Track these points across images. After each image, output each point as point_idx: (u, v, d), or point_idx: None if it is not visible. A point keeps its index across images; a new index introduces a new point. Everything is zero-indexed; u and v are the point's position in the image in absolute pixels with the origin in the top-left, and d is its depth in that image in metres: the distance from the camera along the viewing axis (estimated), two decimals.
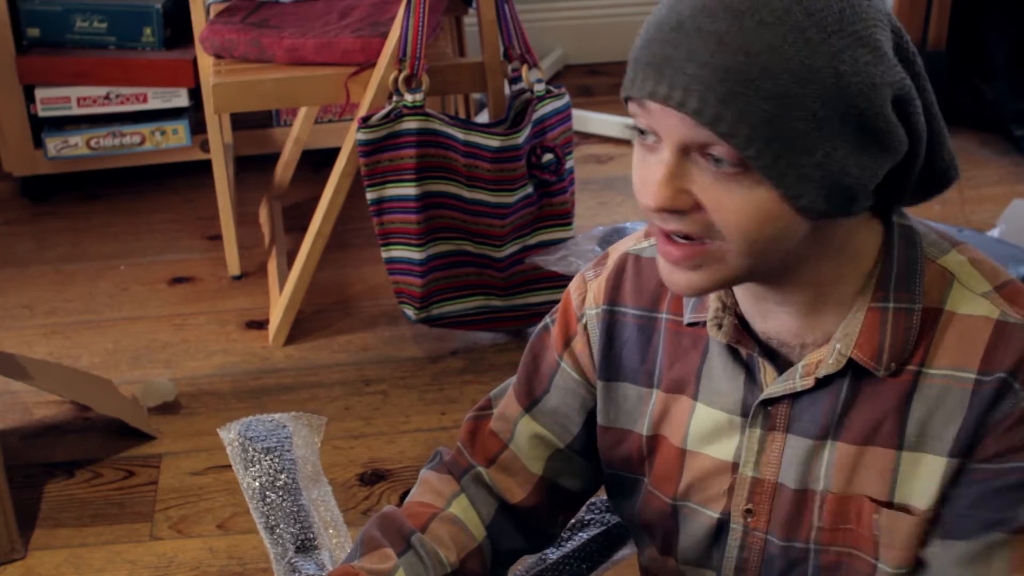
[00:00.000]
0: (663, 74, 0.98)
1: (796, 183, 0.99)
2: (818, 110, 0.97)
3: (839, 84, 0.98)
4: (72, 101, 3.00)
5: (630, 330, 1.23)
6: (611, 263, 1.25)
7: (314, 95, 2.58)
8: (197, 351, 2.61)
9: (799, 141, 0.98)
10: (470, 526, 1.28)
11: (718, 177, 1.00)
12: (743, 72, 0.96)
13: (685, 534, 1.22)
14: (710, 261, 1.03)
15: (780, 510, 1.15)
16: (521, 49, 2.47)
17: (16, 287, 2.85)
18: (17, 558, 2.07)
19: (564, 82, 3.55)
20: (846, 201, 1.02)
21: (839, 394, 1.11)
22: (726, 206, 1.00)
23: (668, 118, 0.99)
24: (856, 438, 1.11)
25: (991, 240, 2.46)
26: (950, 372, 1.08)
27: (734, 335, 1.14)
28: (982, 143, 3.35)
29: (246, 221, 3.00)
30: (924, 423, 1.09)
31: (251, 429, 1.54)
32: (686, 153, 1.00)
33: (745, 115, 0.96)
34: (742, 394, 1.16)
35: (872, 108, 1.00)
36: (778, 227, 1.01)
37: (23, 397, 2.45)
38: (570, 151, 2.50)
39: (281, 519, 1.47)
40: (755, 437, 1.15)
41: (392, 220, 2.43)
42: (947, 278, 1.10)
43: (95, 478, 2.26)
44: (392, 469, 2.25)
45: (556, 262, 2.42)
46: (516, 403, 1.30)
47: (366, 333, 2.65)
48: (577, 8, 3.82)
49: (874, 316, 1.09)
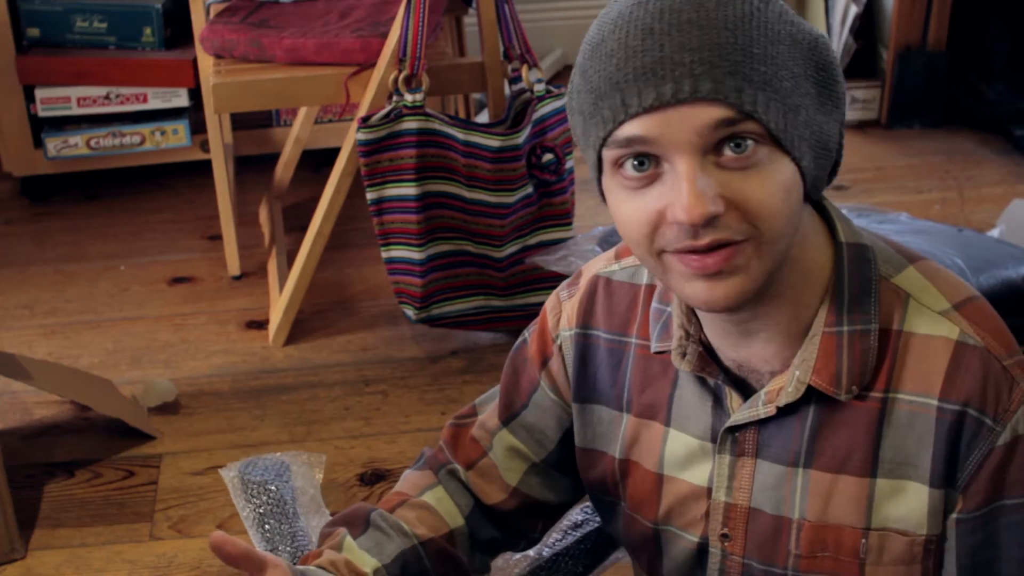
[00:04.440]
0: (663, 75, 0.97)
1: (799, 144, 1.01)
2: (793, 67, 1.00)
3: (796, 40, 1.01)
4: (72, 101, 3.00)
5: (602, 353, 1.22)
6: (583, 284, 1.24)
7: (314, 95, 2.58)
8: (197, 351, 2.61)
9: (791, 100, 1.00)
10: (443, 513, 1.28)
11: (738, 165, 0.99)
12: (733, 44, 0.97)
13: (668, 557, 1.22)
14: (746, 261, 1.01)
15: (756, 535, 1.14)
16: (521, 49, 2.47)
17: (16, 287, 2.85)
18: (17, 558, 2.07)
19: (564, 82, 3.54)
20: (826, 160, 1.04)
21: (805, 421, 1.10)
22: (755, 189, 0.99)
23: (677, 125, 0.98)
24: (828, 465, 1.10)
25: (991, 240, 2.46)
26: (914, 398, 1.06)
27: (698, 364, 1.13)
28: (982, 143, 3.35)
29: (246, 221, 3.00)
30: (897, 450, 1.07)
31: (251, 467, 1.56)
32: (702, 156, 0.99)
33: (752, 83, 0.97)
34: (711, 420, 1.15)
35: (825, 60, 1.03)
36: (795, 200, 1.02)
37: (23, 397, 2.45)
38: (570, 151, 2.50)
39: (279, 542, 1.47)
40: (725, 463, 1.14)
41: (392, 220, 2.43)
42: (902, 296, 1.08)
43: (95, 478, 2.26)
44: (392, 469, 2.25)
45: (556, 262, 2.42)
46: (496, 415, 1.30)
47: (366, 333, 2.65)
48: (577, 8, 3.82)
49: (830, 340, 1.07)
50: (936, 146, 3.36)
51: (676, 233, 1.00)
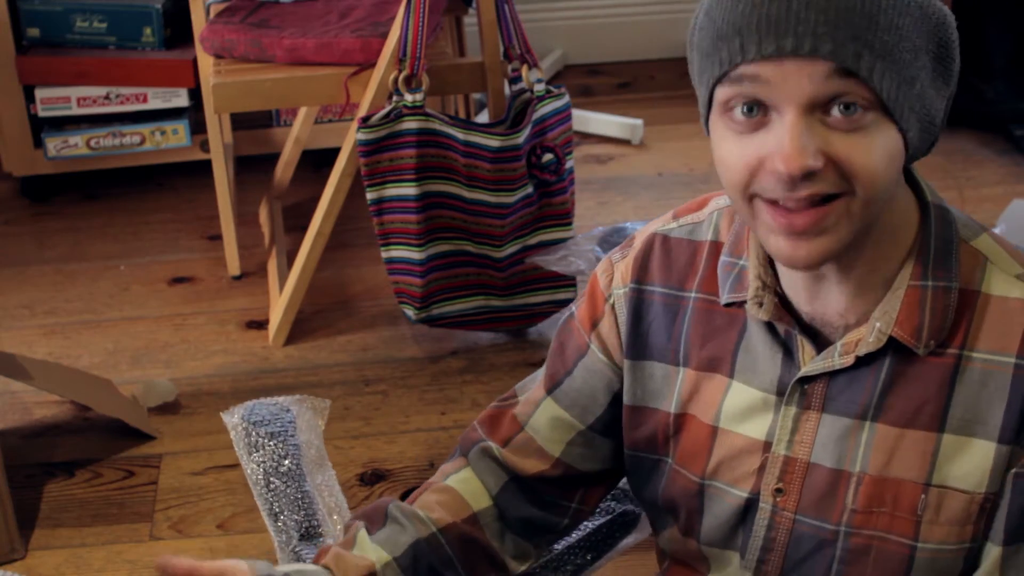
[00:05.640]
0: (786, 28, 0.99)
1: (908, 115, 1.03)
2: (916, 40, 1.02)
3: (925, 13, 1.03)
4: (72, 101, 3.00)
5: (656, 308, 1.23)
6: (638, 243, 1.26)
7: (314, 95, 2.58)
8: (197, 351, 2.61)
9: (907, 72, 1.02)
10: (466, 495, 1.28)
11: (845, 127, 1.01)
12: (860, 9, 0.99)
13: (710, 514, 1.22)
14: (836, 220, 1.04)
15: (811, 490, 1.15)
16: (521, 49, 2.47)
17: (16, 287, 2.85)
18: (17, 558, 2.07)
19: (564, 82, 3.55)
20: (930, 135, 1.08)
21: (879, 374, 1.12)
22: (860, 155, 1.02)
23: (792, 77, 1.00)
24: (897, 420, 1.11)
25: None
26: (991, 356, 1.09)
27: (775, 313, 1.15)
28: (982, 143, 3.35)
29: (246, 221, 3.00)
30: (968, 407, 1.10)
31: (255, 413, 1.54)
32: (810, 112, 1.01)
33: (872, 50, 0.99)
34: (779, 372, 1.16)
35: (947, 38, 1.05)
36: (897, 167, 1.05)
37: (23, 397, 2.45)
38: (570, 151, 2.50)
39: (285, 506, 1.47)
40: (790, 415, 1.15)
41: (392, 220, 2.43)
42: (981, 259, 1.12)
43: (95, 478, 2.26)
44: (392, 469, 2.25)
45: (556, 262, 2.42)
46: (541, 387, 1.30)
47: (366, 333, 2.65)
48: (577, 8, 3.82)
49: (913, 294, 1.10)
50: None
51: (773, 182, 1.03)
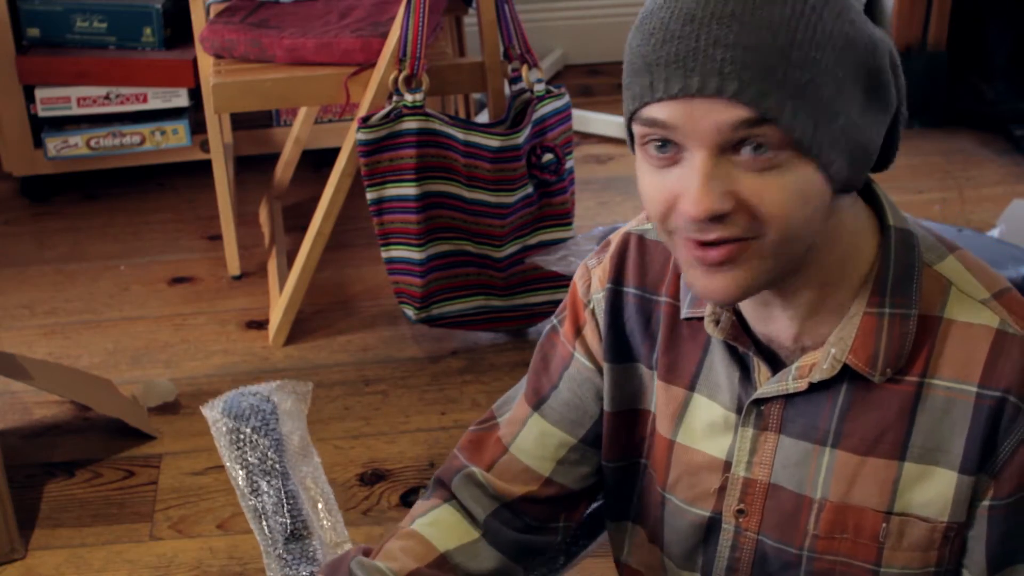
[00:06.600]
0: (691, 67, 0.96)
1: (829, 151, 0.99)
2: (838, 72, 0.98)
3: (849, 44, 0.99)
4: (72, 101, 3.00)
5: (631, 309, 1.22)
6: (614, 245, 1.24)
7: (314, 95, 2.58)
8: (197, 351, 2.61)
9: (828, 107, 0.98)
10: (431, 538, 1.25)
11: (755, 167, 0.98)
12: (772, 46, 0.95)
13: (670, 528, 1.22)
14: (748, 257, 1.01)
15: (773, 512, 1.15)
16: (521, 49, 2.47)
17: (16, 287, 2.85)
18: (17, 558, 2.07)
19: (564, 82, 3.55)
20: (863, 163, 1.04)
21: (836, 400, 1.10)
22: (769, 196, 0.98)
23: (700, 119, 0.97)
24: (858, 447, 1.10)
25: (991, 240, 2.46)
26: (953, 384, 1.07)
27: (731, 332, 1.13)
28: (982, 143, 3.35)
29: (246, 221, 3.00)
30: (930, 435, 1.08)
31: (235, 407, 1.53)
32: (720, 153, 0.98)
33: (784, 88, 0.96)
34: (737, 391, 1.15)
35: (878, 64, 1.02)
36: (813, 206, 1.01)
37: (23, 397, 2.45)
38: (570, 151, 2.50)
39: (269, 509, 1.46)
40: (748, 436, 1.14)
41: (392, 220, 2.43)
42: (944, 284, 1.09)
43: (95, 478, 2.26)
44: (392, 469, 2.25)
45: (556, 262, 2.42)
46: (525, 404, 1.28)
47: (366, 333, 2.65)
48: (577, 8, 3.82)
49: (869, 321, 1.08)
50: (936, 146, 3.36)
51: (686, 222, 1.01)
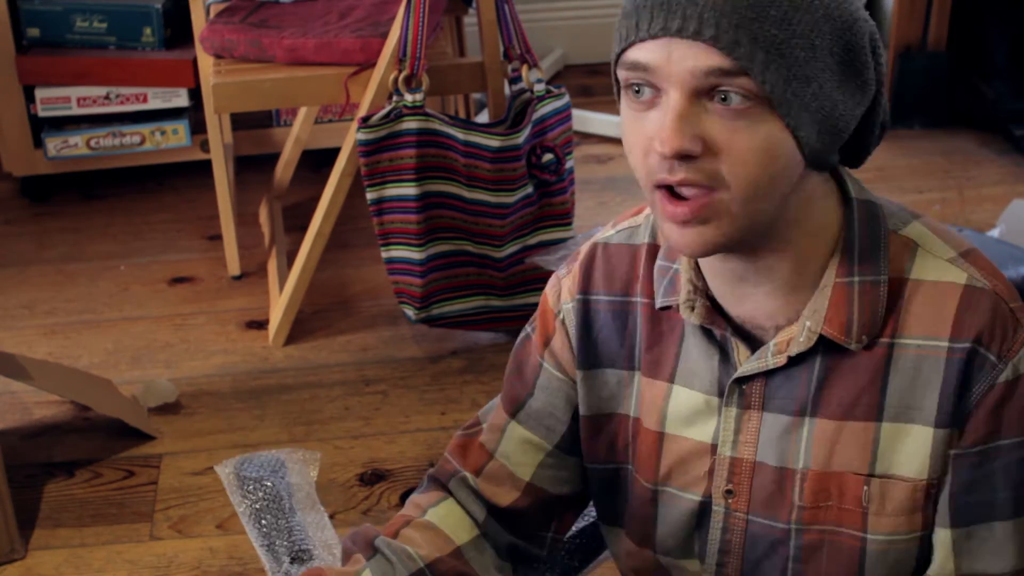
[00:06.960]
0: (674, 9, 1.00)
1: (799, 113, 1.02)
2: (814, 39, 1.01)
3: (828, 14, 1.02)
4: (72, 101, 3.00)
5: (604, 317, 1.24)
6: (582, 255, 1.27)
7: (314, 95, 2.58)
8: (197, 351, 2.61)
9: (800, 69, 1.01)
10: (448, 530, 1.28)
11: (726, 116, 1.01)
12: (752, 1, 0.99)
13: (664, 521, 1.23)
14: (716, 214, 1.04)
15: (760, 490, 1.16)
16: (521, 49, 2.47)
17: (16, 287, 2.85)
18: (17, 558, 2.07)
19: (564, 82, 3.55)
20: (833, 139, 1.06)
21: (812, 370, 1.12)
22: (736, 145, 1.01)
23: (678, 62, 1.00)
24: (835, 413, 1.12)
25: (991, 240, 2.46)
26: (923, 341, 1.10)
27: (707, 316, 1.16)
28: (982, 143, 3.35)
29: (246, 221, 3.00)
30: (903, 394, 1.10)
31: (247, 464, 1.56)
32: (695, 97, 1.01)
33: (758, 41, 0.99)
34: (717, 374, 1.17)
35: (855, 42, 1.04)
36: (780, 165, 1.03)
37: (23, 397, 2.45)
38: (570, 151, 2.50)
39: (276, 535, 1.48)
40: (731, 416, 1.16)
41: (392, 220, 2.43)
42: (911, 247, 1.12)
43: (95, 478, 2.26)
44: (392, 469, 2.25)
45: (556, 262, 2.42)
46: (503, 411, 1.31)
47: (366, 333, 2.65)
48: (577, 8, 3.82)
49: (841, 291, 1.10)
50: (936, 146, 3.36)
51: (658, 162, 1.03)
